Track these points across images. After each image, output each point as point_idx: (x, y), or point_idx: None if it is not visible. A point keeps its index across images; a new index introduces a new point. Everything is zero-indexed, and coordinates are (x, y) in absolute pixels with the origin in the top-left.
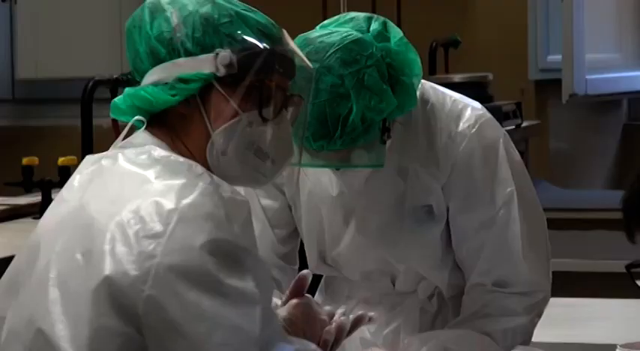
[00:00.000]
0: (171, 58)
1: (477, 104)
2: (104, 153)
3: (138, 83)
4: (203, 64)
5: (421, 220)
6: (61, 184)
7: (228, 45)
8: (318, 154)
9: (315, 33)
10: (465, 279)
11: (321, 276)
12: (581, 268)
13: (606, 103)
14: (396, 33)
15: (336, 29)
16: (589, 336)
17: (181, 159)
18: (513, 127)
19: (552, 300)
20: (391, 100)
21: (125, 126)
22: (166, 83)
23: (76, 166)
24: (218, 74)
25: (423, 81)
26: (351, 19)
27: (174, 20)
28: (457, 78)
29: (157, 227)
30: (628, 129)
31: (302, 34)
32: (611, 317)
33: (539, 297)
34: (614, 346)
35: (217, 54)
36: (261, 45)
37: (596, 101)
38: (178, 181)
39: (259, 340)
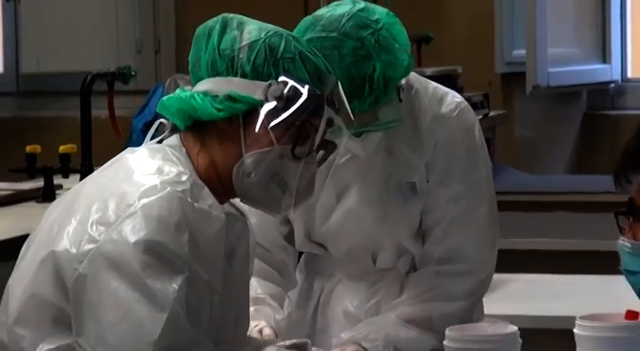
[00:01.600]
0: (227, 75)
1: (455, 92)
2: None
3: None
4: (255, 90)
5: (405, 196)
6: (61, 171)
7: (282, 79)
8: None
9: (320, 11)
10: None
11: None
12: (543, 246)
13: (567, 94)
14: (381, 9)
15: (335, 7)
16: (550, 309)
17: (174, 167)
18: (481, 116)
19: (515, 276)
20: (404, 56)
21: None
22: (216, 96)
23: (75, 154)
24: (266, 102)
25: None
26: (339, 3)
27: (243, 41)
28: (429, 71)
29: (111, 218)
30: (587, 118)
31: (308, 16)
32: (571, 292)
33: (482, 277)
34: (573, 318)
35: (270, 84)
36: (311, 88)
37: (557, 92)
38: (152, 183)
39: (156, 344)
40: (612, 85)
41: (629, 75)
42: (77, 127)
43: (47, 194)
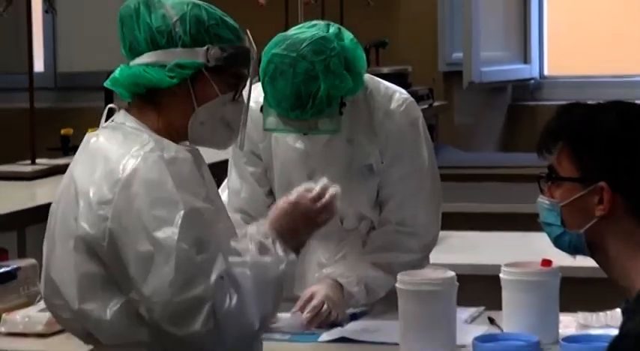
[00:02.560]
0: (169, 47)
1: (402, 90)
2: (95, 131)
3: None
4: (197, 55)
5: (365, 175)
6: None
7: (216, 42)
8: (292, 122)
9: (290, 32)
10: (379, 215)
11: None
12: (476, 209)
13: (496, 88)
14: (348, 35)
15: (306, 30)
16: (481, 259)
17: (135, 132)
18: (427, 106)
19: (454, 233)
20: (348, 82)
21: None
22: (164, 66)
23: None
24: (208, 64)
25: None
26: (314, 24)
27: (173, 17)
28: (385, 70)
29: (108, 196)
30: (511, 108)
31: (280, 34)
32: (498, 245)
33: (430, 238)
34: (499, 266)
35: (208, 49)
36: (239, 45)
37: (488, 87)
38: (126, 156)
39: (172, 283)
40: (532, 81)
41: (546, 73)
42: (101, 114)
43: None
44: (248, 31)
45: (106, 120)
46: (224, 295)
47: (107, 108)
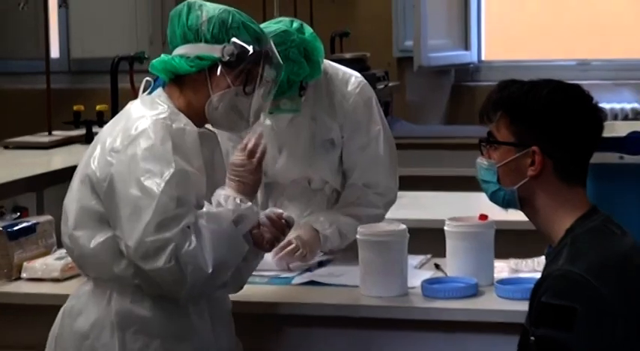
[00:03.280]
0: (195, 42)
1: (357, 74)
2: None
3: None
4: (215, 51)
5: (327, 148)
6: (98, 123)
7: (232, 42)
8: None
9: (261, 26)
10: (346, 180)
11: None
12: (425, 173)
13: (441, 71)
14: (308, 29)
15: (272, 25)
16: (429, 214)
17: (159, 103)
18: (383, 86)
19: (405, 193)
20: (305, 69)
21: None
22: (188, 57)
23: (107, 112)
24: (222, 59)
25: (325, 60)
26: (281, 21)
27: (203, 18)
28: (347, 56)
29: (118, 146)
30: (454, 88)
31: None
32: (444, 203)
33: (391, 197)
34: (444, 220)
35: (225, 46)
36: (253, 47)
37: (434, 70)
38: (143, 118)
39: (149, 223)
40: (471, 65)
41: (483, 58)
42: (108, 94)
43: (88, 138)
44: (271, 41)
45: (144, 91)
46: (185, 241)
47: (145, 80)
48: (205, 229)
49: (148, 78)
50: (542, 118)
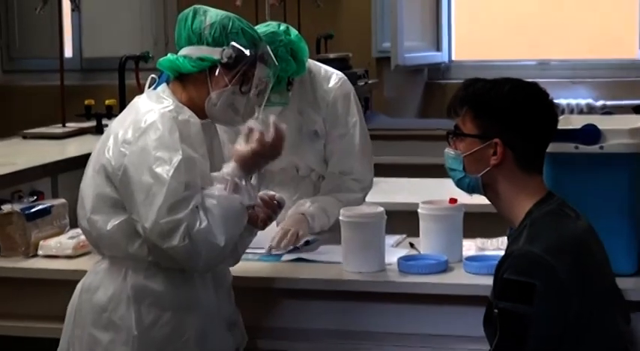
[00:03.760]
0: (198, 44)
1: (338, 72)
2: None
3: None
4: (215, 53)
5: (312, 138)
6: (107, 115)
7: (231, 46)
8: None
9: None
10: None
11: None
12: (400, 161)
13: (415, 70)
14: (294, 31)
15: (262, 27)
16: (404, 198)
17: (165, 98)
18: (363, 83)
19: (383, 179)
20: (292, 66)
21: (149, 80)
22: (191, 58)
23: (115, 106)
24: (222, 61)
25: (309, 60)
26: (269, 24)
27: (206, 23)
28: (331, 56)
29: (130, 137)
30: (427, 85)
31: None
32: (418, 188)
33: (367, 182)
34: (417, 204)
35: (224, 49)
36: (249, 51)
37: (410, 69)
38: (151, 111)
39: (161, 207)
40: (442, 64)
41: (453, 58)
42: (116, 89)
43: (98, 129)
44: (268, 47)
45: (149, 86)
46: (196, 220)
47: (150, 77)
48: (216, 208)
49: (153, 75)
50: (503, 112)
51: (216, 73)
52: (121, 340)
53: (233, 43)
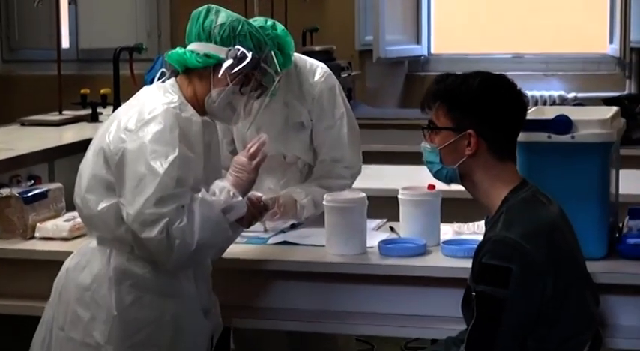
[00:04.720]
0: (207, 42)
1: (323, 65)
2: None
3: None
4: (221, 52)
5: (298, 129)
6: (102, 104)
7: (237, 48)
8: None
9: None
10: (317, 157)
11: None
12: (383, 149)
13: (396, 62)
14: (280, 26)
15: (253, 21)
16: (385, 184)
17: (171, 92)
18: (347, 75)
19: (365, 166)
20: (279, 59)
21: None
22: (198, 54)
23: (110, 94)
24: (226, 60)
25: (295, 53)
26: (257, 19)
27: (216, 23)
28: (316, 48)
29: (133, 127)
30: (407, 76)
31: None
32: (398, 175)
33: (356, 169)
34: (398, 190)
35: (230, 50)
36: (254, 54)
37: (391, 62)
38: (156, 104)
39: (150, 197)
40: (422, 57)
41: (432, 52)
42: (111, 79)
43: (93, 117)
44: (272, 52)
45: (159, 79)
46: (177, 218)
47: (160, 71)
48: (197, 212)
49: (163, 70)
50: (475, 105)
51: (220, 71)
52: (102, 319)
53: (239, 46)
